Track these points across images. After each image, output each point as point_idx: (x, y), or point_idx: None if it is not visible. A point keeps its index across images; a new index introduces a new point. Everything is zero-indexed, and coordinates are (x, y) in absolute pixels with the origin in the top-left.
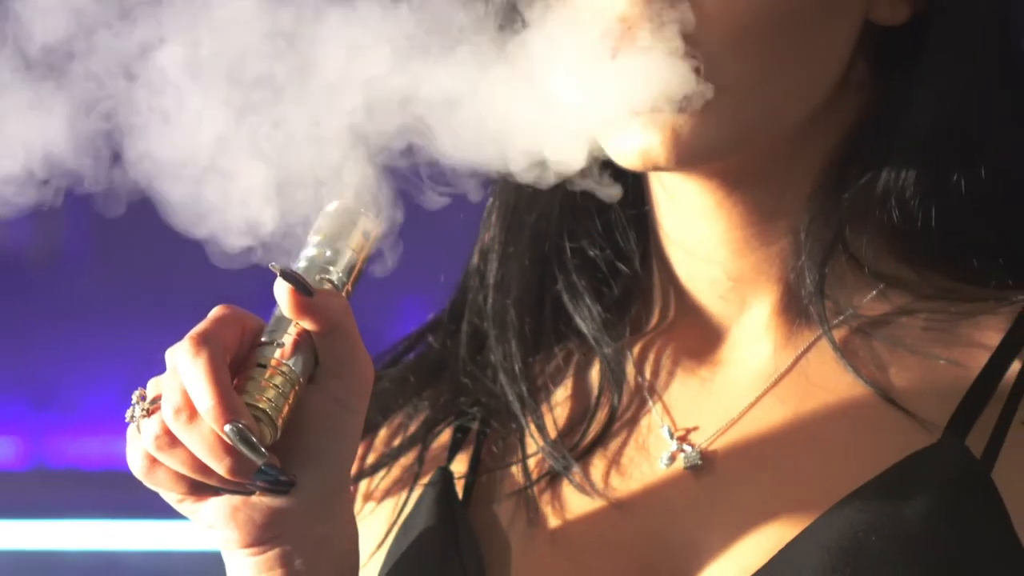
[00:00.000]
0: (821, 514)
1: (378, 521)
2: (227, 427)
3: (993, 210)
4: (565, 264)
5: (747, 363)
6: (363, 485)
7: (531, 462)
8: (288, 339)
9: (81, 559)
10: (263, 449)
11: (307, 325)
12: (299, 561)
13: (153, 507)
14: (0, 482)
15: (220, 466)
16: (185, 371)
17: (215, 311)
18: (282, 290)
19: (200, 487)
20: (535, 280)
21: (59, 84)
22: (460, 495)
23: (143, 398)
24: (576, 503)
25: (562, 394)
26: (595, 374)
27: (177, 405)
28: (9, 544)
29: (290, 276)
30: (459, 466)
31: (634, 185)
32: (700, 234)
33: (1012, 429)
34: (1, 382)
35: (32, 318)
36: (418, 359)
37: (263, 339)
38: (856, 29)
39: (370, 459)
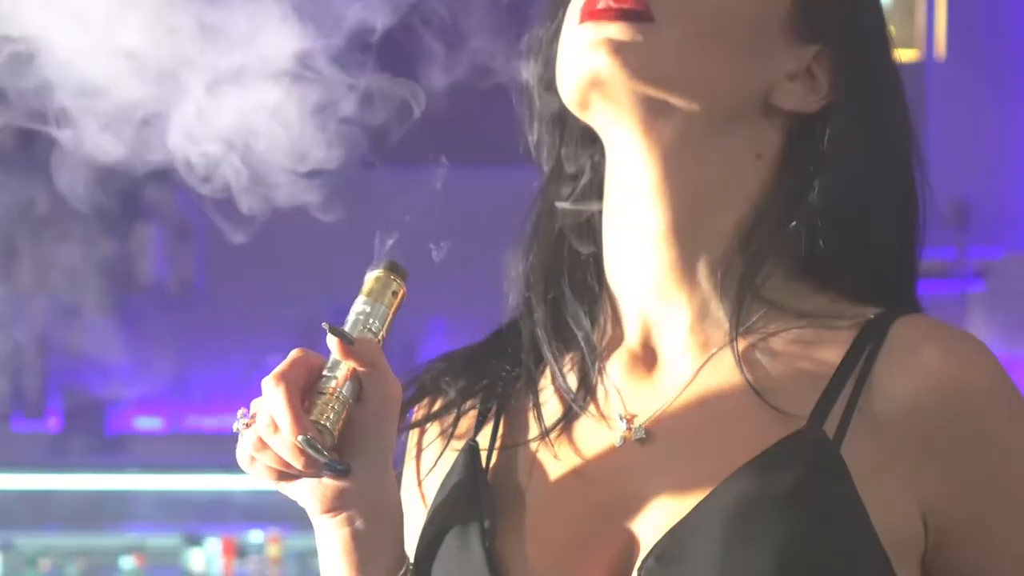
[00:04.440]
0: (720, 483)
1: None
2: (300, 438)
3: (862, 256)
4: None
5: (674, 364)
6: (416, 435)
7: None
8: (341, 374)
9: (203, 497)
10: (325, 452)
11: (352, 365)
12: (359, 521)
13: None
14: (148, 444)
15: (297, 463)
16: (269, 399)
17: (292, 354)
18: (332, 341)
19: (286, 475)
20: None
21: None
22: (484, 462)
23: (244, 415)
24: (563, 469)
25: (551, 389)
26: (573, 370)
27: (266, 422)
28: (153, 487)
29: (336, 331)
30: (483, 439)
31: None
32: (636, 239)
33: (854, 416)
34: (150, 377)
35: (171, 331)
36: (464, 350)
37: (324, 373)
38: (765, 85)
39: (437, 405)
